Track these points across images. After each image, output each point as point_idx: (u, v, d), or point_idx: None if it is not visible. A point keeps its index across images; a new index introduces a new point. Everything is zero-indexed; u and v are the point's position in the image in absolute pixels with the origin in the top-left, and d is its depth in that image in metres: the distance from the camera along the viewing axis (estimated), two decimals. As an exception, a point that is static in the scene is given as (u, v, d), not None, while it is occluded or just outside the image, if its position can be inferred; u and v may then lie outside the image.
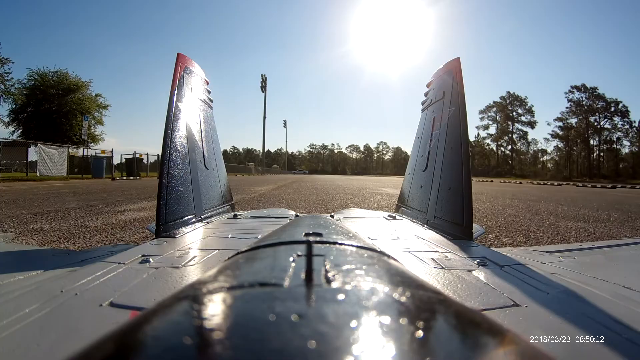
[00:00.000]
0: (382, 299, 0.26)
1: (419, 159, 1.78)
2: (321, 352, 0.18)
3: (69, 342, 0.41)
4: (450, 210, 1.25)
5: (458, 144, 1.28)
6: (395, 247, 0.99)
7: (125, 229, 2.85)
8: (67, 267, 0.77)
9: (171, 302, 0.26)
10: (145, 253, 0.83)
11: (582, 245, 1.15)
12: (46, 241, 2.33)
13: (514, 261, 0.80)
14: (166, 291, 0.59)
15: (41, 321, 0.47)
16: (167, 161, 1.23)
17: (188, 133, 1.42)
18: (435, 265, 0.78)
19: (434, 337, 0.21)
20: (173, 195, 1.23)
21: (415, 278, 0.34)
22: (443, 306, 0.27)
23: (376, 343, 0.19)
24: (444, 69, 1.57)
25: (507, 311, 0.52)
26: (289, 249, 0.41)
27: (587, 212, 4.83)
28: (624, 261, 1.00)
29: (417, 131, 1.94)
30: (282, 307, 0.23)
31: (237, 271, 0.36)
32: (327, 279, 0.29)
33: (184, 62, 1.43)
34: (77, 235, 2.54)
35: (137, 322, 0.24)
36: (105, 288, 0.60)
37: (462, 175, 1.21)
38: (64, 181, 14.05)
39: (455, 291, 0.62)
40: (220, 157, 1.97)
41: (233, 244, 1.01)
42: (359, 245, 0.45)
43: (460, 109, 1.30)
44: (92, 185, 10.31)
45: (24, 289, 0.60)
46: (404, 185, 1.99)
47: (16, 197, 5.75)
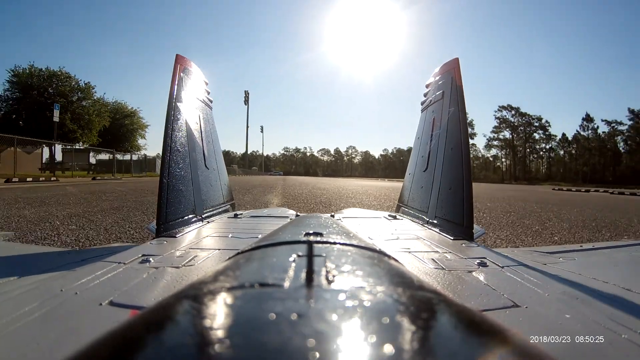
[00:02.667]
0: (383, 300, 0.26)
1: (419, 159, 1.78)
2: (321, 353, 0.18)
3: (69, 341, 0.41)
4: (450, 211, 1.25)
5: (458, 144, 1.28)
6: (396, 247, 0.99)
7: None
8: (67, 266, 0.77)
9: (171, 302, 0.26)
10: (145, 253, 0.83)
11: (582, 246, 1.15)
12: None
13: (514, 262, 0.79)
14: (166, 291, 0.59)
15: (41, 320, 0.47)
16: (168, 161, 1.23)
17: (188, 133, 1.42)
18: (435, 266, 0.77)
19: (434, 337, 0.21)
20: (173, 195, 1.23)
21: (416, 278, 0.34)
22: (443, 306, 0.27)
23: (376, 343, 0.19)
24: (443, 69, 1.57)
25: (507, 312, 0.52)
26: (289, 248, 0.41)
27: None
28: (624, 262, 1.00)
29: (417, 131, 1.94)
30: (282, 307, 0.23)
31: (237, 271, 0.36)
32: (328, 279, 0.29)
33: (182, 63, 1.43)
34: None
35: (137, 321, 0.24)
36: (105, 287, 0.60)
37: (463, 175, 1.21)
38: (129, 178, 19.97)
39: (456, 292, 0.62)
40: (221, 157, 1.97)
41: (233, 244, 1.01)
42: (359, 245, 0.45)
43: (460, 109, 1.30)
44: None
45: (23, 288, 0.60)
46: (405, 186, 1.99)
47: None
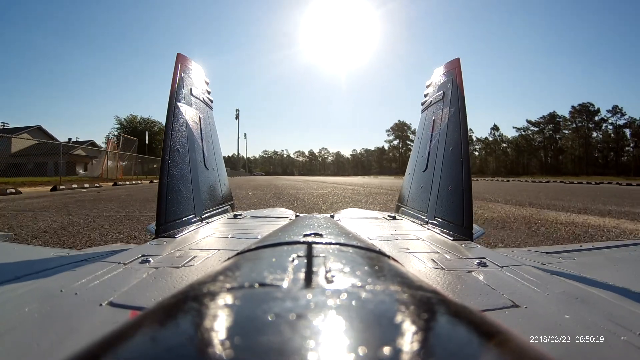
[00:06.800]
0: (382, 300, 0.26)
1: (419, 159, 1.78)
2: (321, 353, 0.18)
3: (69, 341, 0.41)
4: (450, 211, 1.25)
5: (458, 144, 1.28)
6: (395, 247, 0.99)
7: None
8: (67, 267, 0.77)
9: (171, 302, 0.26)
10: (145, 253, 0.83)
11: (582, 246, 1.15)
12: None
13: (514, 262, 0.79)
14: (166, 291, 0.59)
15: (41, 321, 0.47)
16: (167, 161, 1.23)
17: (188, 133, 1.42)
18: (434, 266, 0.77)
19: (434, 337, 0.21)
20: (173, 195, 1.23)
21: (415, 278, 0.34)
22: (443, 306, 0.27)
23: (376, 344, 0.19)
24: (444, 69, 1.57)
25: (507, 312, 0.52)
26: (289, 249, 0.41)
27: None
28: (624, 262, 1.00)
29: (417, 132, 1.94)
30: (282, 308, 0.23)
31: (237, 272, 0.36)
32: (327, 279, 0.29)
33: (183, 62, 1.43)
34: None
35: (137, 321, 0.24)
36: (105, 288, 0.60)
37: (462, 175, 1.21)
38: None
39: (455, 292, 0.62)
40: (221, 157, 1.97)
41: (233, 244, 1.01)
42: (359, 246, 0.45)
43: (460, 109, 1.30)
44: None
45: (23, 289, 0.60)
46: (404, 186, 1.99)
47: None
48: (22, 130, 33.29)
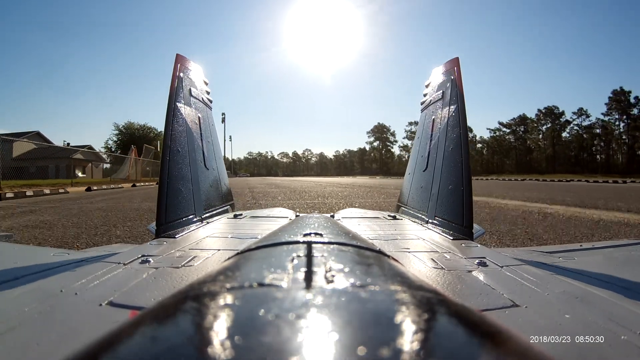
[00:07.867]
0: (382, 300, 0.26)
1: (419, 159, 1.78)
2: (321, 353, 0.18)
3: (69, 341, 0.41)
4: (450, 210, 1.25)
5: (458, 144, 1.28)
6: (395, 247, 0.99)
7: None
8: (67, 267, 0.77)
9: (171, 302, 0.26)
10: (145, 253, 0.83)
11: (582, 246, 1.15)
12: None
13: (514, 261, 0.79)
14: (166, 291, 0.59)
15: (41, 321, 0.47)
16: (167, 161, 1.23)
17: (188, 133, 1.42)
18: (434, 266, 0.77)
19: (433, 337, 0.21)
20: (173, 195, 1.23)
21: (415, 278, 0.34)
22: (443, 306, 0.27)
23: (376, 343, 0.19)
24: (443, 68, 1.57)
25: (507, 311, 0.52)
26: (289, 249, 0.41)
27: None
28: (624, 262, 1.00)
29: (417, 131, 1.94)
30: (282, 308, 0.23)
31: (237, 271, 0.36)
32: (327, 279, 0.29)
33: (182, 62, 1.43)
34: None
35: (137, 321, 0.24)
36: (105, 288, 0.60)
37: (462, 175, 1.21)
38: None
39: (455, 291, 0.62)
40: (221, 157, 1.97)
41: (233, 244, 1.01)
42: (359, 246, 0.45)
43: (460, 108, 1.30)
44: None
45: (23, 289, 0.60)
46: (404, 185, 1.99)
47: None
48: (21, 136, 34.16)
